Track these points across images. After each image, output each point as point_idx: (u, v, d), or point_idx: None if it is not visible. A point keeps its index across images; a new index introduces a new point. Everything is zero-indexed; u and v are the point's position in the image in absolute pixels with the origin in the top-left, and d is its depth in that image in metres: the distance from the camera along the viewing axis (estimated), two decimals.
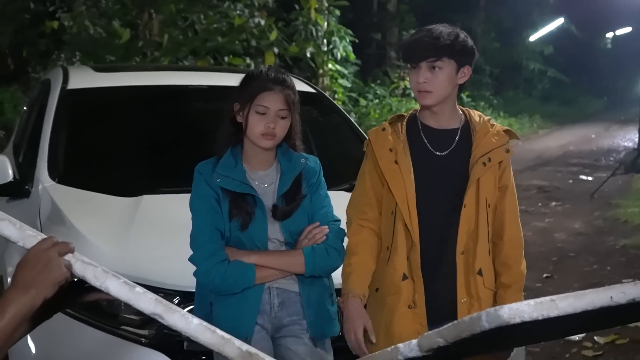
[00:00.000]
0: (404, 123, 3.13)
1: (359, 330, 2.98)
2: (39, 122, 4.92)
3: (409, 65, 3.05)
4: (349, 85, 18.48)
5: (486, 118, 3.15)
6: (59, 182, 4.31)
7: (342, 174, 4.60)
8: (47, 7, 12.58)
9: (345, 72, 18.06)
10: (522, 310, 1.55)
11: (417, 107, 3.19)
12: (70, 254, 1.93)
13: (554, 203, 12.04)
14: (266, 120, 3.03)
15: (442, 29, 3.01)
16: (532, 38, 31.08)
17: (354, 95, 19.27)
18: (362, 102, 19.45)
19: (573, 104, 33.72)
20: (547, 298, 1.59)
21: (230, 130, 3.14)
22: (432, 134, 3.09)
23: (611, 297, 1.51)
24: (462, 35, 3.04)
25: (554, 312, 1.55)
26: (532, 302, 1.57)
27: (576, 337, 5.81)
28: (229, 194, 3.06)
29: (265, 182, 3.13)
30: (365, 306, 3.05)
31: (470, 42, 3.06)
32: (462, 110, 3.16)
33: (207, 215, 3.04)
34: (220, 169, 3.07)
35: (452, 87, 3.04)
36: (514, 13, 29.78)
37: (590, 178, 14.56)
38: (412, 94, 3.12)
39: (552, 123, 27.91)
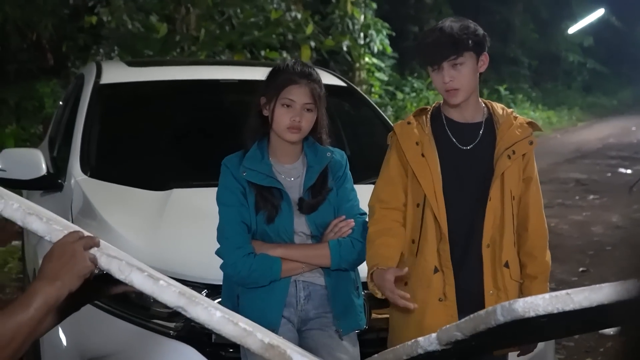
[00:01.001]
0: (428, 116, 3.13)
1: (390, 275, 2.90)
2: (72, 117, 4.98)
3: (429, 68, 3.04)
4: (386, 78, 18.44)
5: (509, 110, 3.16)
6: (91, 175, 4.35)
7: (373, 167, 4.58)
8: (86, 2, 12.67)
9: (382, 65, 18.02)
10: (536, 303, 1.55)
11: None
12: (95, 248, 1.96)
13: (591, 196, 11.92)
14: (292, 114, 3.03)
15: (451, 24, 3.00)
16: (571, 30, 30.71)
17: (391, 88, 19.22)
18: (399, 95, 19.39)
19: (613, 95, 33.28)
20: (563, 292, 1.58)
21: (257, 124, 3.15)
22: (457, 128, 3.09)
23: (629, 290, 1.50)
24: (472, 25, 3.03)
25: (569, 306, 1.54)
26: (547, 295, 1.56)
27: (610, 331, 5.74)
28: (255, 187, 3.07)
29: (291, 175, 3.14)
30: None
31: (480, 29, 3.04)
32: (485, 103, 3.16)
33: (233, 208, 3.05)
34: (246, 163, 3.08)
35: (476, 79, 3.06)
36: (553, 4, 29.45)
37: (629, 171, 14.38)
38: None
39: (591, 115, 27.61)
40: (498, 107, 3.15)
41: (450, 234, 3.01)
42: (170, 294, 2.01)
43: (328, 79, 5.14)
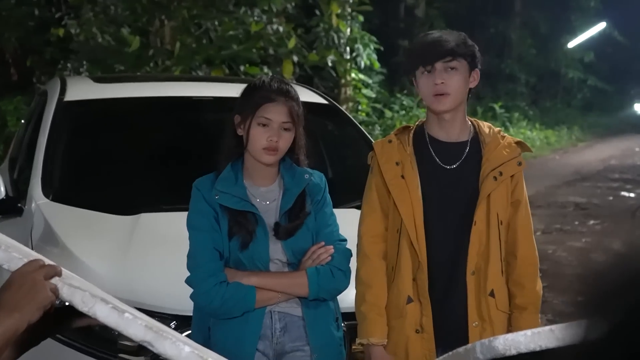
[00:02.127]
0: (411, 135, 3.15)
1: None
2: (34, 136, 4.96)
3: (420, 71, 3.06)
4: (374, 95, 18.49)
5: (496, 130, 3.19)
6: (54, 199, 4.34)
7: (357, 190, 4.60)
8: (53, 13, 12.68)
9: (370, 81, 18.07)
10: (518, 341, 1.54)
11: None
12: (57, 277, 1.95)
13: (592, 221, 11.96)
14: (269, 133, 3.04)
15: (448, 32, 3.12)
16: (571, 44, 30.94)
17: (378, 106, 19.26)
18: (388, 113, 19.45)
19: (615, 114, 33.51)
20: (546, 328, 1.58)
21: (231, 144, 3.15)
22: (441, 147, 3.12)
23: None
24: (469, 39, 3.12)
25: (552, 343, 1.53)
26: (529, 332, 1.55)
27: None
28: (228, 211, 3.07)
29: (267, 198, 3.14)
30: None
31: (475, 46, 3.13)
32: (472, 122, 3.19)
33: (205, 234, 3.05)
34: (219, 185, 3.08)
35: (466, 91, 3.10)
36: (552, 18, 29.67)
37: (632, 195, 14.45)
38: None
39: (592, 135, 27.76)
40: (485, 125, 3.18)
41: (431, 260, 3.03)
42: (136, 327, 2.00)
43: (309, 96, 5.15)
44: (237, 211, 3.07)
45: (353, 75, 16.82)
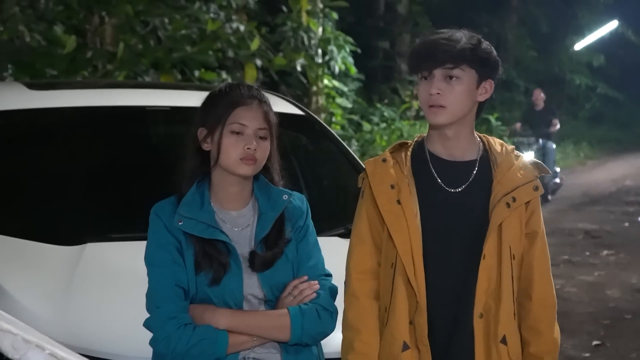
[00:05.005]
0: (409, 153, 3.14)
1: None
2: None
3: (419, 76, 3.06)
4: (350, 105, 18.57)
5: (509, 148, 3.16)
6: None
7: (337, 216, 4.61)
8: None
9: (345, 89, 18.16)
10: None
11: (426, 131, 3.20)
12: None
13: (605, 252, 12.04)
14: (245, 141, 3.03)
15: (463, 32, 3.05)
16: (578, 46, 31.21)
17: (355, 118, 19.34)
18: (366, 126, 19.52)
19: (629, 127, 33.75)
20: None
21: (195, 163, 3.14)
22: (444, 166, 3.10)
23: None
24: (485, 43, 3.07)
25: None
26: None
27: None
28: (194, 240, 3.05)
29: (239, 224, 3.13)
30: None
31: (494, 53, 3.09)
32: (481, 138, 3.17)
33: (166, 269, 3.03)
34: (183, 210, 3.06)
35: (471, 105, 3.06)
36: (554, 15, 29.95)
37: None
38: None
39: (602, 151, 27.99)
40: (496, 142, 3.15)
41: (431, 301, 3.00)
42: None
43: (281, 105, 5.15)
44: (205, 240, 3.05)
45: (326, 81, 16.89)
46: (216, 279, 3.03)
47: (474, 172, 3.09)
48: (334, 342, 3.24)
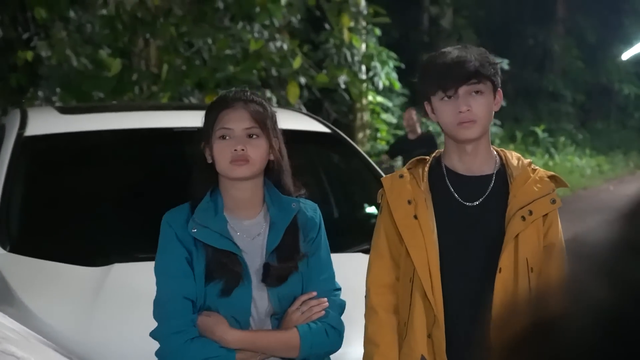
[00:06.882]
0: (426, 169, 3.15)
1: None
2: None
3: (439, 94, 3.05)
4: (395, 120, 18.52)
5: (526, 161, 3.17)
6: (11, 250, 4.35)
7: (364, 232, 4.60)
8: (19, 33, 12.76)
9: (390, 104, 18.12)
10: None
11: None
12: None
13: None
14: (232, 144, 3.01)
15: (468, 48, 3.11)
16: (626, 56, 30.90)
17: (401, 133, 19.27)
18: None
19: None
20: None
21: (205, 175, 3.14)
22: (461, 181, 3.11)
23: None
24: (489, 54, 3.13)
25: None
26: None
27: None
28: (207, 249, 3.04)
29: (251, 233, 3.10)
30: None
31: (496, 60, 3.16)
32: (498, 152, 3.19)
33: (175, 280, 3.02)
34: (198, 217, 3.04)
35: (492, 117, 3.13)
36: (601, 24, 29.67)
37: None
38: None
39: None
40: (513, 156, 3.17)
41: (448, 315, 3.00)
42: None
43: (307, 124, 5.16)
44: (216, 250, 3.03)
45: (370, 98, 16.88)
46: (227, 290, 3.01)
47: (491, 185, 3.11)
48: (344, 358, 3.27)
